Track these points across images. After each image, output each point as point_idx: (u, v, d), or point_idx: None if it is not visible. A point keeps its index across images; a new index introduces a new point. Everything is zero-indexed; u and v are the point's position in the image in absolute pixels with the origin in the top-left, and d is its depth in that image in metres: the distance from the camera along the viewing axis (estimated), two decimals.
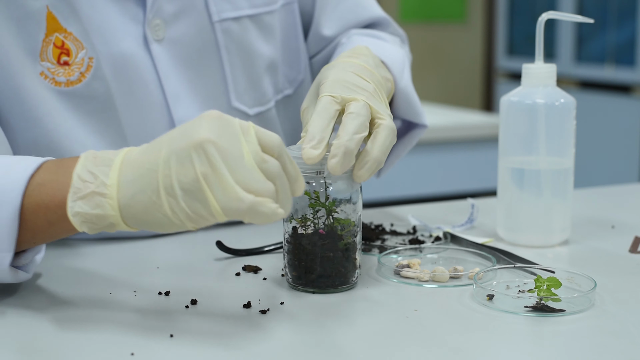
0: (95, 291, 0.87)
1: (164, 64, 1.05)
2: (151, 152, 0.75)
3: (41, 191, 0.79)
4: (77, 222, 0.77)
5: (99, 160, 0.77)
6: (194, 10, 1.07)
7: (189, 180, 0.72)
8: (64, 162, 0.80)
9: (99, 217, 0.76)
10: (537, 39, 1.04)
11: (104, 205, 0.76)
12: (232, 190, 0.72)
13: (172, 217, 0.74)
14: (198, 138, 0.72)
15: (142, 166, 0.75)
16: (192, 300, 0.83)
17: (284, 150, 0.76)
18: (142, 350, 0.72)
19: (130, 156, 0.77)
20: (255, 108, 1.15)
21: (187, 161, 0.72)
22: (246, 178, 0.72)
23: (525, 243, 1.06)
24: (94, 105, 1.02)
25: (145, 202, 0.74)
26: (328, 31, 1.20)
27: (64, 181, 0.78)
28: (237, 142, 0.73)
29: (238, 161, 0.72)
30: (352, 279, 0.87)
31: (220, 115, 0.75)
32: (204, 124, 0.74)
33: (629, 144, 3.99)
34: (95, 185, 0.76)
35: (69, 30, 0.99)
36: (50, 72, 0.99)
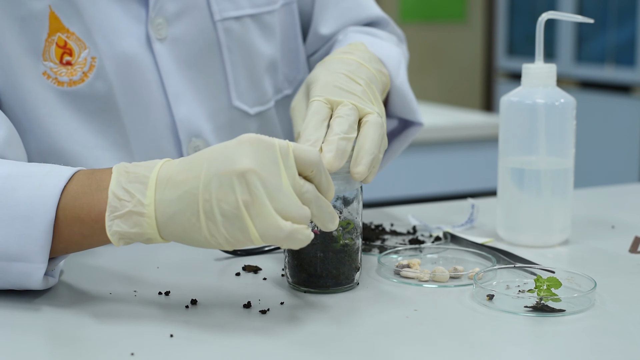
0: (95, 291, 0.87)
1: (166, 63, 1.06)
2: (190, 172, 0.76)
3: (75, 205, 0.79)
4: (115, 239, 0.78)
5: (133, 176, 0.78)
6: (196, 9, 1.08)
7: (229, 207, 0.74)
8: (95, 174, 0.81)
9: (137, 234, 0.77)
10: (537, 39, 1.04)
11: (142, 225, 0.77)
12: (272, 218, 0.73)
13: (211, 239, 0.75)
14: (240, 167, 0.74)
15: (180, 187, 0.76)
16: (192, 300, 0.83)
17: (322, 166, 0.78)
18: (142, 350, 0.72)
19: (166, 174, 0.77)
20: (256, 107, 1.15)
21: (229, 188, 0.74)
22: (285, 206, 0.74)
23: (525, 243, 1.06)
24: (96, 105, 1.02)
25: (184, 223, 0.76)
26: (326, 30, 1.20)
27: (99, 197, 0.79)
28: (277, 169, 0.74)
29: (277, 189, 0.74)
30: (353, 279, 0.87)
31: (259, 140, 0.75)
32: (246, 151, 0.75)
33: (629, 144, 3.99)
34: (133, 205, 0.77)
35: (72, 30, 0.99)
36: (53, 72, 0.99)
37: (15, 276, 0.81)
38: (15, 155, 0.93)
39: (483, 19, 5.29)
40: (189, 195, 0.75)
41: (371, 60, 1.01)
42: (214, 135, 1.11)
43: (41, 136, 1.00)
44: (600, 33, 4.26)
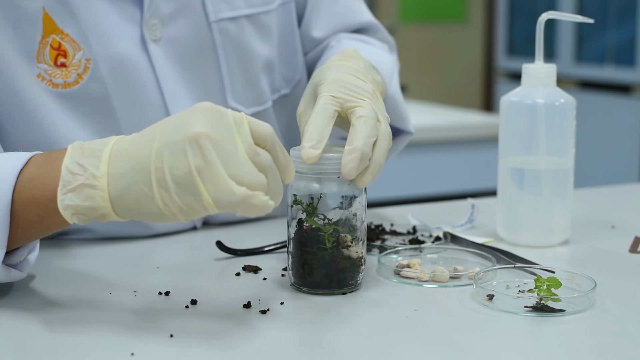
0: (96, 291, 0.87)
1: (162, 64, 1.05)
2: (143, 143, 0.75)
3: (31, 186, 0.78)
4: (67, 214, 0.76)
5: (87, 151, 0.77)
6: (191, 10, 1.07)
7: (182, 173, 0.73)
8: (52, 155, 0.80)
9: (90, 208, 0.76)
10: (537, 39, 1.04)
11: (94, 197, 0.76)
12: (225, 183, 0.72)
13: (164, 209, 0.74)
14: (193, 132, 0.73)
15: (133, 158, 0.75)
16: (192, 300, 0.83)
17: (276, 141, 0.77)
18: (142, 350, 0.72)
19: (120, 146, 0.76)
20: (252, 108, 1.15)
21: (181, 154, 0.73)
22: (239, 171, 0.73)
23: (525, 243, 1.06)
24: (92, 107, 1.02)
25: (137, 193, 0.75)
26: (317, 33, 1.20)
27: (53, 174, 0.78)
28: (231, 135, 0.74)
29: (232, 155, 0.73)
30: (357, 280, 0.87)
31: (213, 107, 0.75)
32: (199, 116, 0.74)
33: (629, 144, 3.99)
34: (85, 177, 0.76)
35: (66, 32, 0.99)
36: (48, 74, 0.99)
37: None
38: None
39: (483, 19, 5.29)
40: (142, 165, 0.74)
41: (367, 68, 1.00)
42: None
43: (38, 137, 1.00)
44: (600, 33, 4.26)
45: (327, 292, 0.86)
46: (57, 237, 1.09)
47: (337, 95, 0.89)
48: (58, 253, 1.02)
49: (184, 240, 1.09)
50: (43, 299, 0.84)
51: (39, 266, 0.94)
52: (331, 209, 0.85)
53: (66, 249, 1.04)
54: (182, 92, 1.08)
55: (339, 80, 0.91)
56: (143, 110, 1.05)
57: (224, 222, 1.17)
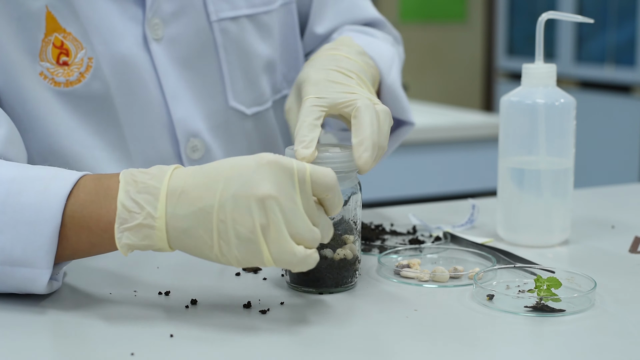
0: (96, 291, 0.87)
1: (163, 63, 1.05)
2: (205, 189, 0.75)
3: (84, 214, 0.79)
4: (124, 250, 0.78)
5: (141, 186, 0.77)
6: (192, 9, 1.07)
7: (246, 231, 0.74)
8: (102, 181, 0.80)
9: (147, 246, 0.77)
10: (537, 39, 1.04)
11: (152, 237, 0.76)
12: (287, 244, 0.74)
13: (221, 258, 0.76)
14: (260, 193, 0.73)
15: (195, 203, 0.75)
16: (192, 300, 0.83)
17: (337, 188, 0.78)
18: (142, 350, 0.71)
19: (178, 185, 0.76)
20: (253, 108, 1.15)
21: (246, 212, 0.74)
22: (299, 230, 0.74)
23: (525, 243, 1.06)
24: (93, 105, 1.02)
25: (196, 239, 0.76)
26: (322, 29, 1.20)
27: (107, 206, 0.78)
28: (294, 194, 0.75)
29: (294, 214, 0.74)
30: (353, 279, 0.87)
31: (278, 164, 0.75)
32: (265, 174, 0.74)
33: (629, 144, 3.99)
34: (142, 217, 0.76)
35: (68, 30, 0.99)
36: (50, 73, 0.99)
37: (19, 281, 0.80)
38: (15, 153, 0.93)
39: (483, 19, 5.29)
40: (204, 213, 0.75)
41: (358, 53, 1.01)
42: (212, 135, 1.10)
43: (41, 136, 1.00)
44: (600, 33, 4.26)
45: (323, 291, 0.86)
46: None
47: (322, 95, 0.90)
48: None
49: None
50: (42, 298, 0.84)
51: None
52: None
53: None
54: (183, 91, 1.08)
55: (321, 81, 0.92)
56: (144, 109, 1.05)
57: None
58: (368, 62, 1.03)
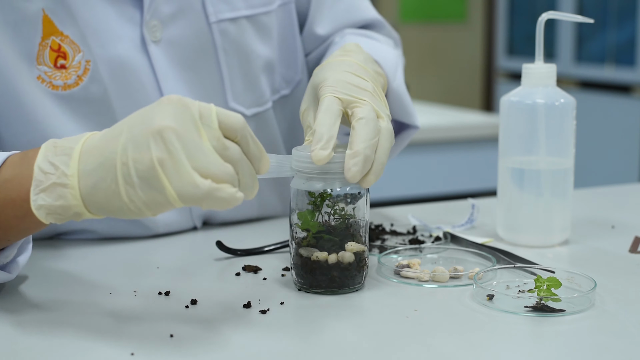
0: (96, 291, 0.87)
1: (162, 66, 1.05)
2: (110, 139, 0.74)
3: (7, 187, 0.78)
4: (41, 214, 0.76)
5: (59, 149, 0.76)
6: (191, 11, 1.07)
7: (145, 167, 0.72)
8: (27, 154, 0.79)
9: (62, 207, 0.75)
10: (537, 39, 1.04)
11: (66, 196, 0.75)
12: (189, 176, 0.71)
13: (130, 205, 0.73)
14: (156, 125, 0.72)
15: (101, 154, 0.74)
16: (192, 300, 0.83)
17: (248, 131, 0.76)
18: (142, 350, 0.72)
19: (90, 143, 0.76)
20: (253, 109, 1.15)
21: (144, 148, 0.72)
22: (204, 163, 0.72)
23: (525, 243, 1.06)
24: (92, 108, 1.02)
25: (105, 190, 0.74)
26: (321, 30, 1.20)
27: (28, 174, 0.77)
28: (196, 127, 0.73)
29: (196, 147, 0.72)
30: (360, 280, 0.87)
31: (179, 100, 0.74)
32: (163, 109, 0.73)
33: (629, 144, 3.99)
34: (56, 177, 0.75)
35: (66, 34, 0.99)
36: (47, 76, 0.99)
37: None
38: None
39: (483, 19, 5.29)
40: (108, 161, 0.73)
41: (367, 61, 1.00)
42: None
43: (38, 139, 0.99)
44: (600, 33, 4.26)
45: (331, 292, 0.86)
46: (56, 237, 1.09)
47: (339, 96, 0.89)
48: (58, 253, 1.02)
49: (184, 240, 1.09)
50: (42, 299, 0.84)
51: (38, 266, 0.94)
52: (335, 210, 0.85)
53: (66, 249, 1.04)
54: (182, 93, 1.07)
55: (340, 81, 0.91)
56: None
57: (224, 222, 1.17)
58: (377, 70, 1.02)
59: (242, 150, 0.75)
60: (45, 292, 0.87)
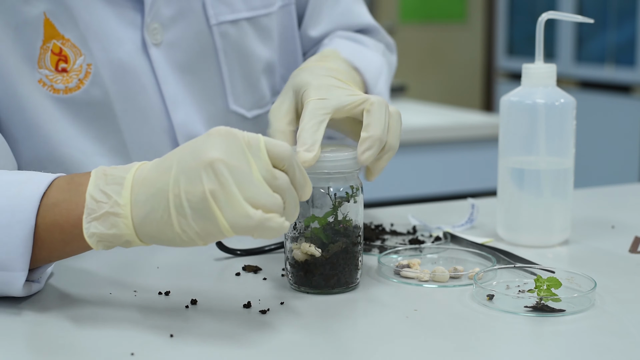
0: (96, 291, 0.87)
1: (162, 68, 1.05)
2: (162, 171, 0.76)
3: (55, 211, 0.78)
4: (93, 242, 0.77)
5: (110, 178, 0.77)
6: (192, 13, 1.07)
7: (197, 199, 0.73)
8: (74, 179, 0.80)
9: (114, 236, 0.77)
10: (537, 39, 1.04)
11: (119, 225, 0.76)
12: (241, 207, 0.72)
13: (183, 235, 0.75)
14: (207, 157, 0.73)
15: (153, 185, 0.75)
16: (192, 300, 0.83)
17: (294, 161, 0.77)
18: (142, 350, 0.72)
19: (142, 174, 0.77)
20: (254, 111, 1.15)
21: (196, 180, 0.73)
22: (254, 194, 0.73)
23: (525, 243, 1.06)
24: (93, 112, 1.02)
25: (157, 221, 0.75)
26: (315, 32, 1.20)
27: (77, 201, 0.78)
28: (245, 158, 0.74)
29: (246, 178, 0.73)
30: (355, 279, 0.87)
31: (228, 132, 0.75)
32: (214, 141, 0.74)
33: (629, 144, 3.99)
34: (109, 206, 0.76)
35: (67, 37, 0.99)
36: (49, 80, 0.99)
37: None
38: (2, 164, 0.93)
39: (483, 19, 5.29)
40: (160, 192, 0.75)
41: (345, 69, 1.01)
42: None
43: (40, 143, 1.00)
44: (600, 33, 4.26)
45: (325, 292, 0.86)
46: None
47: (325, 98, 0.90)
48: None
49: None
50: (42, 299, 0.84)
51: None
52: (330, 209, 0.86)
53: None
54: (183, 96, 1.07)
55: (323, 85, 0.92)
56: (144, 114, 1.05)
57: None
58: (355, 78, 1.03)
59: (289, 179, 0.76)
60: (44, 292, 0.87)
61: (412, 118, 2.85)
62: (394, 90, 3.46)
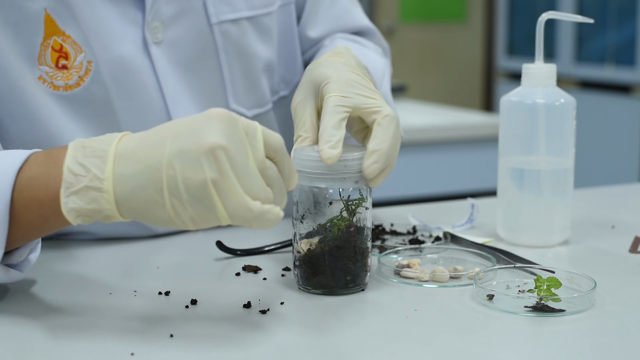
0: (96, 291, 0.87)
1: (163, 67, 1.05)
2: (153, 147, 0.74)
3: (33, 185, 0.77)
4: (71, 217, 0.75)
5: (89, 150, 0.75)
6: (193, 12, 1.07)
7: (196, 185, 0.71)
8: (52, 153, 0.78)
9: (94, 211, 0.75)
10: (537, 39, 1.04)
11: (99, 200, 0.74)
12: (241, 198, 0.72)
13: (175, 217, 0.73)
14: (208, 143, 0.72)
15: (142, 161, 0.73)
16: (192, 300, 0.83)
17: (285, 152, 0.77)
18: (142, 350, 0.72)
19: (127, 147, 0.75)
20: (254, 110, 1.15)
21: (196, 164, 0.71)
22: (251, 186, 0.72)
23: (525, 243, 1.06)
24: (93, 110, 1.02)
25: (145, 198, 0.73)
26: (314, 33, 1.20)
27: (56, 174, 0.76)
28: (244, 147, 0.73)
29: (245, 168, 0.72)
30: (364, 281, 0.87)
31: (228, 116, 0.74)
32: (214, 125, 0.73)
33: (629, 144, 3.99)
34: (88, 180, 0.74)
35: (68, 34, 0.99)
36: (49, 76, 0.99)
37: None
38: None
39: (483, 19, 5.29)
40: (152, 170, 0.73)
41: (358, 65, 1.01)
42: None
43: (41, 138, 0.99)
44: (600, 33, 4.26)
45: (333, 293, 0.85)
46: (56, 237, 1.09)
47: (346, 95, 0.89)
48: (58, 254, 1.02)
49: (184, 240, 1.09)
50: (42, 299, 0.84)
51: (39, 267, 0.94)
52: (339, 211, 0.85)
53: (66, 249, 1.04)
54: (183, 94, 1.07)
55: (344, 80, 0.91)
56: (144, 113, 1.05)
57: None
58: (366, 75, 1.03)
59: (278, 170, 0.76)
60: (43, 292, 0.87)
61: (412, 118, 2.85)
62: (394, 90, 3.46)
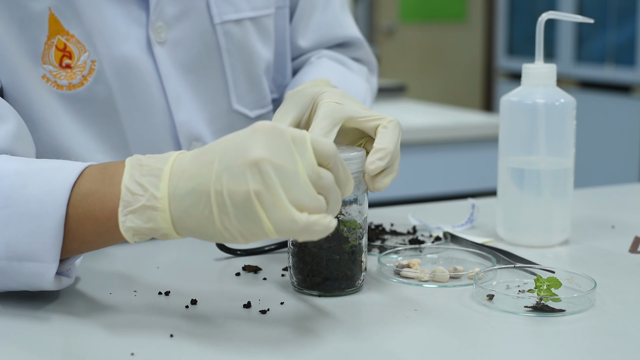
0: (96, 291, 0.87)
1: (166, 67, 1.05)
2: (202, 164, 0.74)
3: (88, 202, 0.77)
4: (129, 235, 0.76)
5: (146, 169, 0.76)
6: (196, 12, 1.07)
7: (241, 198, 0.71)
8: (107, 168, 0.78)
9: (151, 230, 0.75)
10: (537, 39, 1.04)
11: (156, 219, 0.74)
12: (286, 210, 0.70)
13: (225, 233, 0.73)
14: (252, 156, 0.71)
15: (193, 179, 0.73)
16: (192, 300, 0.83)
17: (339, 159, 0.75)
18: (142, 350, 0.72)
19: (180, 166, 0.75)
20: (256, 110, 1.15)
21: (241, 179, 0.71)
22: (300, 196, 0.71)
23: (525, 243, 1.06)
24: (96, 109, 1.02)
25: (198, 216, 0.73)
26: (303, 42, 1.20)
27: (112, 192, 0.76)
28: (292, 158, 0.72)
29: (293, 179, 0.71)
30: (358, 281, 0.87)
31: (273, 128, 0.73)
32: (259, 139, 0.72)
33: (629, 144, 3.99)
34: (146, 199, 0.74)
35: (72, 33, 0.99)
36: (52, 75, 0.99)
37: (26, 277, 0.79)
38: (24, 150, 0.91)
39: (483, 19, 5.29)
40: (201, 187, 0.73)
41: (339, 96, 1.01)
42: (214, 138, 1.10)
43: (45, 138, 1.00)
44: (600, 33, 4.27)
45: (329, 294, 0.86)
46: None
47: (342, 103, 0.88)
48: None
49: (184, 240, 1.09)
50: (42, 299, 0.84)
51: None
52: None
53: None
54: (186, 95, 1.07)
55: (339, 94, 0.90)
56: (147, 112, 1.05)
57: None
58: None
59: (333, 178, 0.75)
60: (44, 292, 0.86)
61: (412, 118, 2.85)
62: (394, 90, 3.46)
